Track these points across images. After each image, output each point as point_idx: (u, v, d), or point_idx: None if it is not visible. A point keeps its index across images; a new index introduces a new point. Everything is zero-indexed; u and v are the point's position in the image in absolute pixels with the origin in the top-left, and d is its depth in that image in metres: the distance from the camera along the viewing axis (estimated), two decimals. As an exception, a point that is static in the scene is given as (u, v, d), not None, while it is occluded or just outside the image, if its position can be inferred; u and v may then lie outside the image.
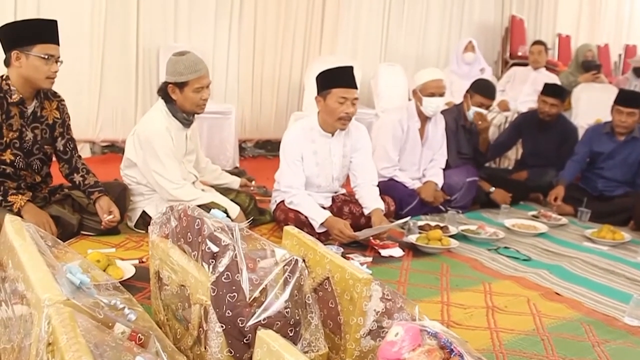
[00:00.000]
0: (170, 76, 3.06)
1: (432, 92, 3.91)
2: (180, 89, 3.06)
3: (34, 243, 1.52)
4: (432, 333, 1.47)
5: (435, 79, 3.94)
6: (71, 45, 4.63)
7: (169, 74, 3.07)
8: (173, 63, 3.05)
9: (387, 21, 6.77)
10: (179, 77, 3.03)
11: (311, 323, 1.64)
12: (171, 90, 3.07)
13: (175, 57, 3.06)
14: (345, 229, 3.18)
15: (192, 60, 3.04)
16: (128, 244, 3.04)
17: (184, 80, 3.03)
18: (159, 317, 1.92)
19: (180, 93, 3.07)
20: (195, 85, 3.05)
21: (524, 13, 8.06)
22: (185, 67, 3.03)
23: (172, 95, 3.08)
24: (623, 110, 4.25)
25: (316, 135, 3.41)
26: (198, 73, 3.05)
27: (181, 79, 3.03)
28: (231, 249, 1.52)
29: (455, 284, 2.85)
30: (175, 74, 3.04)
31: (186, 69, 3.02)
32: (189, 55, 3.06)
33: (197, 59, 3.07)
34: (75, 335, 1.06)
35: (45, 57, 2.71)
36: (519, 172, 4.90)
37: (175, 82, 3.05)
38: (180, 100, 3.09)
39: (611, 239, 3.74)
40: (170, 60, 3.08)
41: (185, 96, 3.07)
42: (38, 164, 2.96)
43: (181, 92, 3.07)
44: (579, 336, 2.39)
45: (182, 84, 3.05)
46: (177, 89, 3.06)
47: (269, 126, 6.03)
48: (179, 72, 3.03)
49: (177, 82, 3.05)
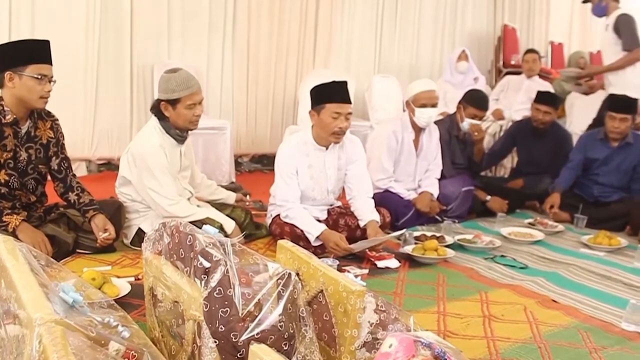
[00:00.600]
0: (163, 93, 3.07)
1: (424, 103, 3.93)
2: (172, 106, 3.08)
3: (27, 263, 1.52)
4: (426, 343, 1.47)
5: (427, 90, 3.96)
6: (66, 64, 4.67)
7: (162, 92, 3.08)
8: (165, 80, 3.07)
9: (380, 33, 6.81)
10: (172, 94, 3.05)
11: (306, 336, 1.64)
12: (164, 107, 3.09)
13: (167, 74, 3.08)
14: (340, 242, 3.19)
15: (184, 77, 3.06)
16: (124, 261, 3.04)
17: (176, 97, 3.05)
18: (154, 334, 1.92)
19: (172, 110, 3.08)
20: (187, 102, 3.07)
21: (516, 22, 8.11)
22: (177, 84, 3.04)
23: (165, 112, 3.10)
24: (616, 116, 4.28)
25: (310, 149, 3.42)
26: (190, 90, 3.06)
27: (173, 96, 3.05)
28: (223, 264, 1.52)
29: (452, 294, 2.85)
30: (168, 91, 3.05)
31: (178, 86, 3.04)
32: (180, 72, 3.07)
33: (189, 76, 3.09)
34: (67, 353, 1.07)
35: (39, 77, 2.72)
36: (515, 180, 4.92)
37: (168, 99, 3.06)
38: (173, 117, 3.10)
39: (607, 244, 3.75)
40: (162, 77, 3.09)
41: (178, 113, 3.09)
42: (33, 183, 2.97)
43: (174, 109, 3.08)
44: (576, 343, 2.39)
45: (175, 100, 3.06)
46: (169, 106, 3.08)
47: (265, 141, 6.06)
48: (171, 89, 3.04)
49: (170, 99, 3.06)
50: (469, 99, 4.38)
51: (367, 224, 3.39)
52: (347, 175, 3.55)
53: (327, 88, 3.31)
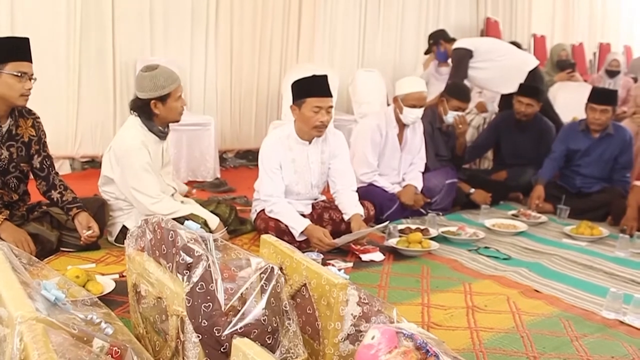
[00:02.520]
0: (151, 92, 3.04)
1: (413, 104, 3.94)
2: (163, 102, 3.07)
3: (8, 261, 1.52)
4: (408, 335, 1.48)
5: (418, 91, 3.96)
6: (47, 62, 4.64)
7: (148, 90, 3.04)
8: (150, 78, 3.03)
9: (364, 27, 6.82)
10: (162, 91, 3.04)
11: (289, 329, 1.65)
12: (153, 105, 3.07)
13: (149, 72, 3.05)
14: (323, 237, 3.20)
15: (167, 71, 3.07)
16: (108, 258, 3.04)
17: (166, 92, 3.05)
18: (139, 330, 1.92)
19: (163, 106, 3.07)
20: (176, 94, 3.08)
21: (499, 15, 8.16)
22: (165, 79, 3.04)
23: (155, 110, 3.08)
24: (597, 107, 4.32)
25: (293, 143, 3.43)
26: (177, 82, 3.08)
27: (164, 92, 3.04)
28: (205, 259, 1.53)
29: (436, 286, 2.88)
30: (157, 88, 3.04)
31: (166, 80, 3.04)
32: (162, 68, 3.07)
33: (171, 70, 3.11)
34: (47, 351, 1.07)
35: (19, 75, 2.70)
36: (498, 172, 4.95)
37: (159, 96, 3.05)
38: (164, 112, 3.09)
39: (589, 234, 3.80)
40: (144, 76, 3.05)
41: (169, 107, 3.09)
42: (15, 182, 2.95)
43: (164, 104, 3.07)
44: (557, 331, 2.42)
45: (166, 96, 3.06)
46: (159, 102, 3.07)
47: (249, 136, 6.05)
48: (160, 85, 3.03)
49: (161, 95, 3.05)
50: (452, 91, 4.40)
51: (351, 218, 3.41)
52: (331, 169, 3.56)
53: (308, 82, 3.31)
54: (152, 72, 3.04)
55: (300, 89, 3.32)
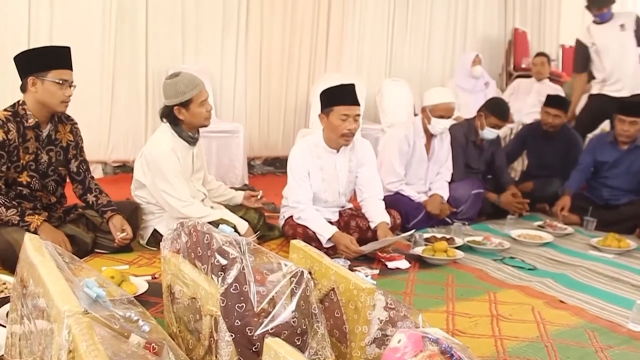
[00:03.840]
0: (173, 99, 3.15)
1: (441, 115, 3.98)
2: (186, 108, 3.16)
3: (53, 259, 1.59)
4: (434, 339, 1.53)
5: (447, 102, 4.00)
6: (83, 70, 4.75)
7: (171, 97, 3.15)
8: (172, 86, 3.15)
9: (391, 37, 6.87)
10: (183, 97, 3.13)
11: (318, 332, 1.70)
12: (177, 111, 3.17)
13: (171, 80, 3.16)
14: (350, 244, 3.25)
15: (189, 78, 3.17)
16: (141, 260, 3.13)
17: (188, 98, 3.14)
18: (172, 330, 1.99)
19: (186, 111, 3.17)
20: (199, 99, 3.16)
21: (527, 25, 8.14)
22: (185, 85, 3.14)
23: (179, 116, 3.18)
24: (625, 119, 4.30)
25: (322, 152, 3.49)
26: (198, 87, 3.16)
27: (185, 98, 3.14)
28: (239, 262, 1.59)
29: (461, 294, 2.90)
30: (178, 95, 3.14)
31: (187, 87, 3.14)
32: (184, 74, 3.18)
33: (193, 76, 3.20)
34: (94, 342, 1.14)
35: (60, 82, 2.81)
36: (525, 183, 4.95)
37: (180, 102, 3.15)
38: (188, 118, 3.19)
39: (617, 247, 3.78)
40: (167, 84, 3.17)
41: (193, 113, 3.18)
42: (53, 185, 3.06)
43: (187, 110, 3.17)
44: (582, 342, 2.43)
45: (187, 102, 3.15)
46: (182, 108, 3.16)
47: (277, 143, 6.13)
48: (181, 92, 3.13)
49: (182, 101, 3.14)
50: (492, 108, 4.40)
51: (378, 226, 3.45)
52: (358, 178, 3.61)
53: (335, 91, 3.39)
54: (174, 79, 3.15)
55: (328, 98, 3.39)
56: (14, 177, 2.90)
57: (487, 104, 4.49)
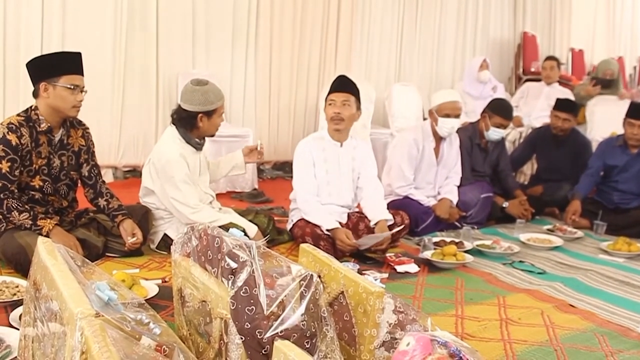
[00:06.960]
0: (200, 106, 3.17)
1: (447, 114, 3.99)
2: (208, 117, 3.21)
3: (65, 262, 1.62)
4: (442, 342, 1.54)
5: (451, 101, 4.02)
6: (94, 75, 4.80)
7: (198, 104, 3.17)
8: (202, 93, 3.17)
9: (400, 42, 6.88)
10: (210, 106, 3.19)
11: (327, 335, 1.71)
12: (200, 119, 3.20)
13: (200, 87, 3.18)
14: (345, 238, 3.31)
15: (217, 89, 3.24)
16: (151, 264, 3.15)
17: (214, 107, 3.20)
18: (182, 333, 2.01)
19: (208, 120, 3.22)
20: (221, 111, 3.25)
21: (537, 29, 8.12)
22: (215, 95, 3.20)
23: (199, 123, 3.21)
24: (635, 123, 4.29)
25: (327, 144, 3.60)
26: (223, 99, 3.26)
27: (212, 107, 3.20)
28: (249, 265, 1.61)
29: (470, 298, 2.90)
30: (207, 104, 3.18)
31: (215, 97, 3.20)
32: (212, 84, 3.23)
33: (218, 87, 3.27)
34: (106, 344, 1.16)
35: (71, 88, 2.85)
36: (534, 187, 4.94)
37: (207, 110, 3.19)
38: (207, 127, 3.23)
39: (627, 251, 3.77)
40: (196, 90, 3.18)
41: (212, 122, 3.24)
42: (65, 189, 3.09)
43: (209, 119, 3.22)
44: (592, 346, 2.43)
45: (212, 111, 3.21)
46: (205, 117, 3.21)
47: (286, 148, 6.14)
48: (210, 101, 3.18)
49: (209, 110, 3.19)
50: (495, 108, 4.42)
51: (377, 223, 3.50)
52: (359, 178, 3.68)
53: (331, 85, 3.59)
54: (204, 87, 3.18)
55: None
56: (27, 181, 2.93)
57: (490, 104, 4.51)
